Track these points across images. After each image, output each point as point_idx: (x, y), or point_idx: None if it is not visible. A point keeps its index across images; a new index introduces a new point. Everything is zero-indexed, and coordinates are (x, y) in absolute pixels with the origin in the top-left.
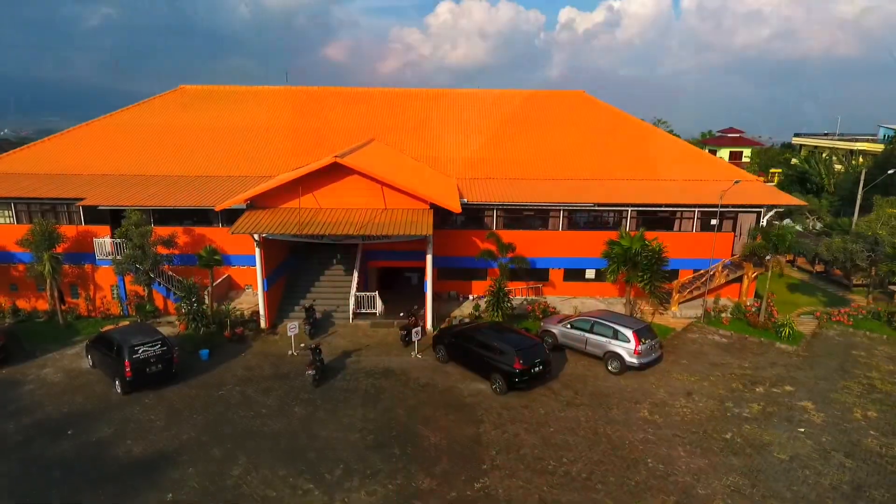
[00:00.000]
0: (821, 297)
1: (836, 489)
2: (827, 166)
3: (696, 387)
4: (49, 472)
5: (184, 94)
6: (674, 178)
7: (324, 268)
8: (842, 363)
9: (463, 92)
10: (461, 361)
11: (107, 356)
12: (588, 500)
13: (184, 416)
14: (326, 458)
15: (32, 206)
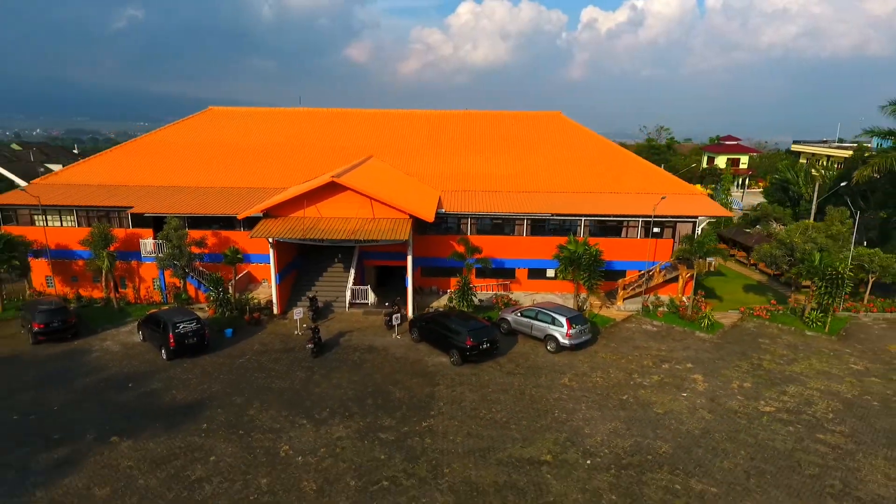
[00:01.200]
0: (770, 296)
1: (689, 433)
2: (806, 174)
3: (614, 363)
4: (118, 411)
5: (212, 114)
6: (629, 191)
7: (327, 266)
8: (744, 348)
9: (455, 113)
10: (429, 341)
11: (155, 331)
12: (502, 435)
13: (213, 376)
14: (317, 406)
15: (91, 212)
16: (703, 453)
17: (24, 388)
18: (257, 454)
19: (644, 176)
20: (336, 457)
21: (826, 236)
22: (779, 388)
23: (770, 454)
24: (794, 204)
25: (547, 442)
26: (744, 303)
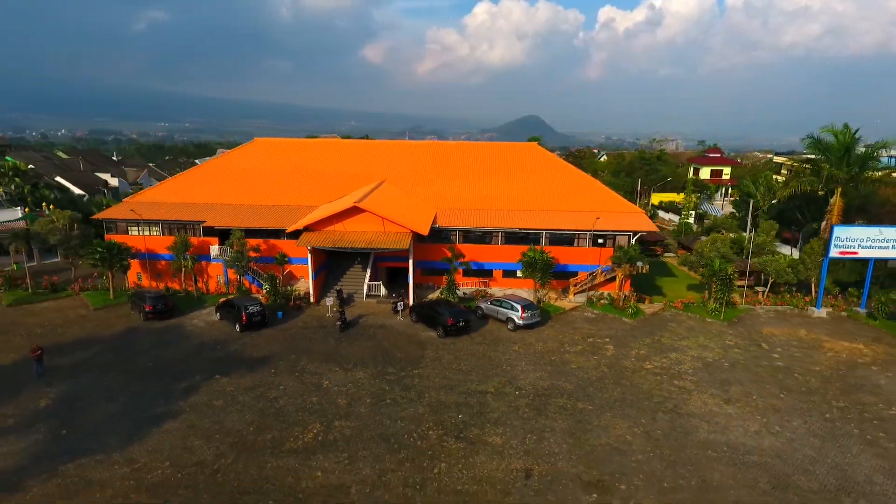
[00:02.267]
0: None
1: (588, 379)
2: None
3: (553, 337)
4: (214, 362)
5: (257, 145)
6: (585, 210)
7: (349, 266)
8: (653, 329)
9: (450, 144)
10: (423, 321)
11: (230, 312)
12: (465, 378)
13: (273, 342)
14: (345, 360)
15: (172, 224)
16: (593, 390)
17: (147, 349)
18: (308, 385)
19: (599, 197)
20: (358, 387)
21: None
22: (664, 355)
23: (636, 391)
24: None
25: (493, 382)
26: (683, 298)
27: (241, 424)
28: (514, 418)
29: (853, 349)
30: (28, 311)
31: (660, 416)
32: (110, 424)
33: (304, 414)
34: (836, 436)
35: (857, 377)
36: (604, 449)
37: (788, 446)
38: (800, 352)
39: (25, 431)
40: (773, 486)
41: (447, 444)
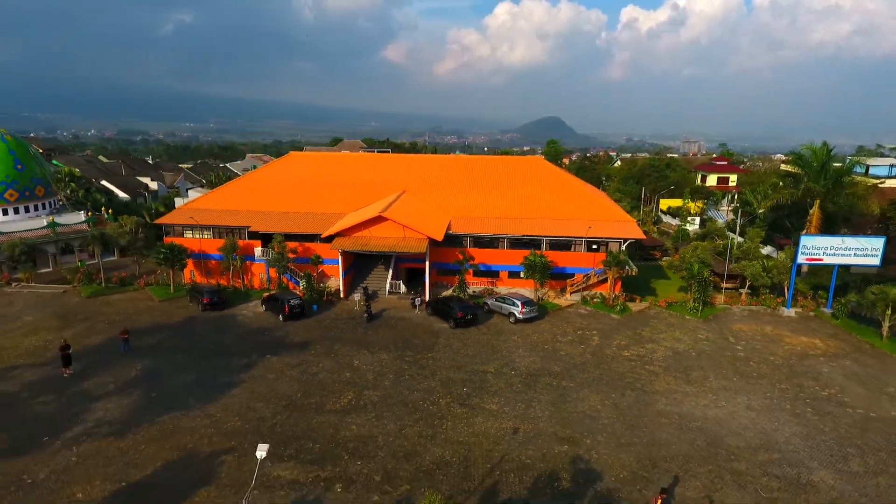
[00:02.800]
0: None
1: (574, 363)
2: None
3: (548, 330)
4: (263, 345)
5: (292, 158)
6: (583, 218)
7: (374, 267)
8: (636, 324)
9: (463, 157)
10: (438, 314)
11: (275, 304)
12: (471, 360)
13: (311, 330)
14: (371, 345)
15: (222, 229)
16: (576, 372)
17: (207, 334)
18: (342, 364)
19: (595, 207)
20: (382, 366)
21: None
22: (641, 345)
23: (612, 373)
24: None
25: (494, 364)
26: (669, 298)
27: (291, 391)
28: (508, 391)
29: (809, 343)
30: (103, 301)
31: (628, 392)
32: (188, 390)
33: (339, 385)
34: (770, 410)
35: (804, 366)
36: (578, 415)
37: (728, 416)
38: (761, 345)
39: (124, 393)
40: (708, 443)
41: (453, 409)
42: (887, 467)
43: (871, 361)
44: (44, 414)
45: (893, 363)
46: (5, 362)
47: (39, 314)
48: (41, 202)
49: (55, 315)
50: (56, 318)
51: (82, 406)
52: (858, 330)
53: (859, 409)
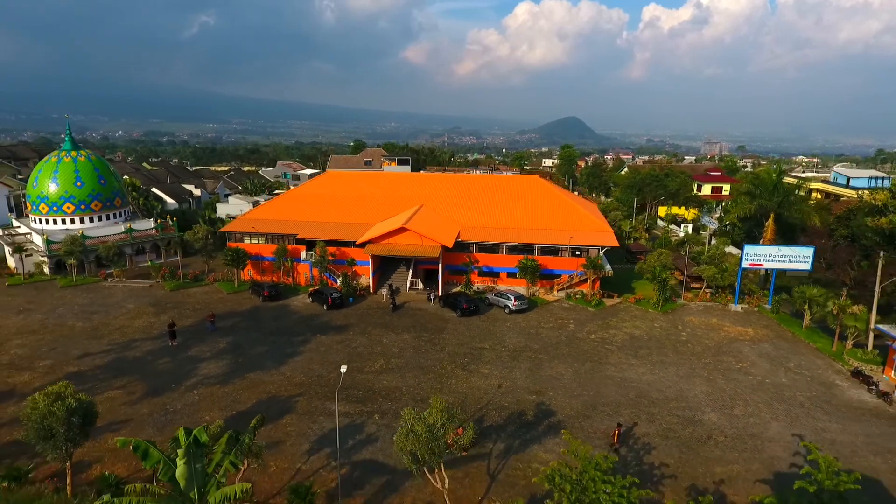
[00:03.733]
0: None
1: (550, 343)
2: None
3: (535, 319)
4: (314, 327)
5: (329, 176)
6: (568, 228)
7: (397, 267)
8: (607, 316)
9: (472, 176)
10: (448, 306)
11: (320, 296)
12: (472, 340)
13: (348, 317)
14: (395, 328)
15: (274, 236)
16: (551, 349)
17: (269, 319)
18: (374, 341)
19: (580, 219)
20: (404, 343)
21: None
22: (606, 331)
23: (578, 349)
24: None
25: (488, 343)
26: (638, 295)
27: (338, 358)
28: (497, 361)
29: (742, 331)
30: (184, 294)
31: (587, 363)
32: (264, 357)
33: (373, 355)
34: (690, 376)
35: (730, 347)
36: (546, 377)
37: (657, 380)
38: (702, 332)
39: (219, 359)
40: (636, 396)
41: (456, 372)
42: (759, 412)
43: (786, 345)
44: (166, 371)
45: (803, 346)
46: (127, 337)
47: (137, 303)
48: (118, 211)
49: (149, 304)
50: (151, 305)
51: (191, 367)
52: (788, 322)
53: (758, 376)
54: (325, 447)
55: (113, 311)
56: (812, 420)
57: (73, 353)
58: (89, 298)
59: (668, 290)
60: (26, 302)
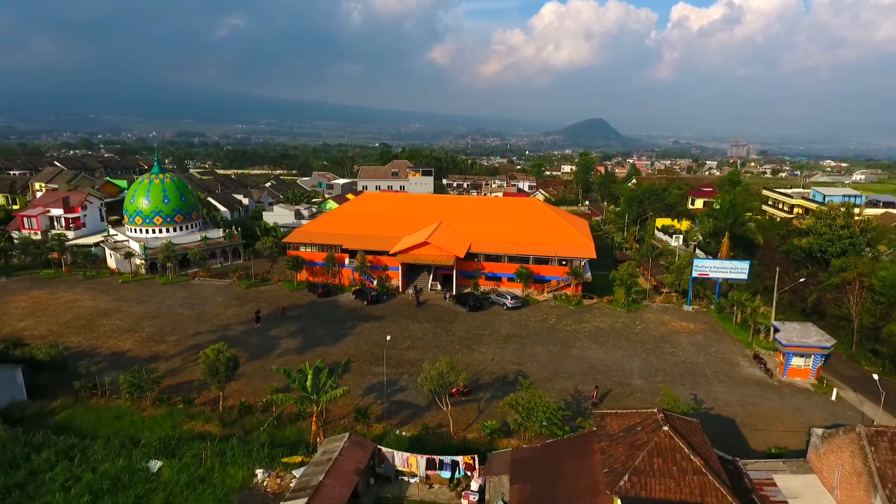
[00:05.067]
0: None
1: (534, 331)
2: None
3: (526, 314)
4: (359, 317)
5: (366, 196)
6: (558, 242)
7: (421, 272)
8: (582, 313)
9: (483, 198)
10: (459, 303)
11: (361, 294)
12: (476, 328)
13: (383, 310)
14: (419, 319)
15: (324, 246)
16: (534, 335)
17: (324, 310)
18: (403, 328)
19: (567, 235)
20: (425, 330)
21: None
22: (578, 324)
23: (554, 336)
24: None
25: (488, 331)
26: (611, 297)
27: (378, 339)
28: (493, 343)
29: (685, 326)
30: (255, 291)
31: (558, 346)
32: (324, 337)
33: (402, 338)
34: (631, 356)
35: (671, 338)
36: (527, 354)
37: (607, 358)
38: (653, 326)
39: (292, 338)
40: (589, 367)
41: (462, 350)
42: (672, 380)
43: (715, 337)
44: (257, 344)
45: (728, 338)
46: (223, 322)
47: (223, 297)
48: (194, 222)
49: (232, 298)
50: (234, 299)
51: (274, 343)
52: (725, 319)
53: (683, 357)
54: (371, 393)
55: (207, 302)
56: (709, 386)
57: (189, 331)
58: (186, 293)
59: (633, 293)
60: (140, 295)
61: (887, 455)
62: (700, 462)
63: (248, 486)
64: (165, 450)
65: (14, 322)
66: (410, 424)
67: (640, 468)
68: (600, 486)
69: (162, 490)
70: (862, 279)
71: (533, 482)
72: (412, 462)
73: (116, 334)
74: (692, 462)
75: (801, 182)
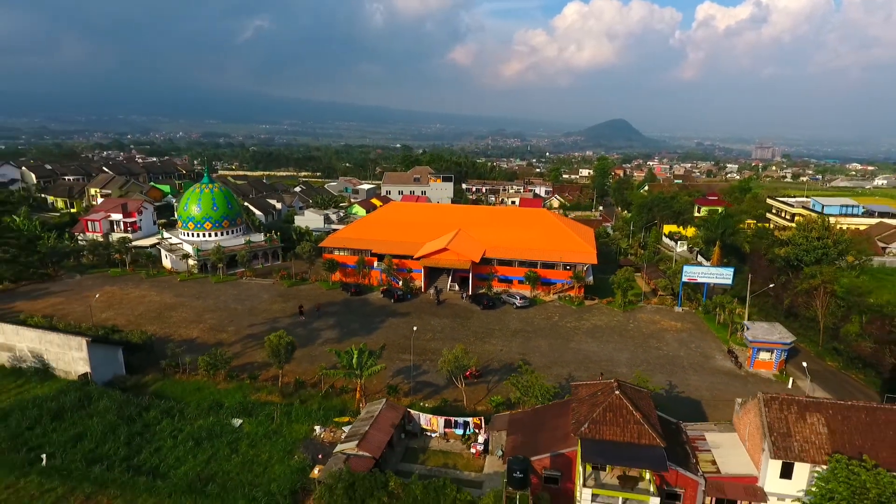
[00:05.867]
0: (620, 297)
1: (539, 327)
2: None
3: (533, 312)
4: (385, 313)
5: (393, 206)
6: (563, 248)
7: (441, 275)
8: (583, 312)
9: (497, 208)
10: (475, 302)
11: (389, 293)
12: (489, 323)
13: (408, 307)
14: (439, 315)
15: (355, 250)
16: (539, 330)
17: (357, 307)
18: (425, 323)
19: (571, 243)
20: (444, 325)
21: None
22: (578, 322)
23: (555, 332)
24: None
25: (498, 326)
26: (610, 298)
27: (404, 331)
28: (502, 337)
29: (673, 325)
30: (296, 289)
31: (559, 340)
32: (359, 329)
33: (425, 331)
34: (621, 349)
35: (658, 335)
36: (531, 346)
37: (600, 350)
38: (644, 325)
39: (331, 330)
40: (584, 358)
41: (476, 342)
42: (653, 369)
43: (699, 334)
44: (303, 334)
45: (710, 336)
46: (272, 315)
47: (269, 294)
48: (238, 227)
49: (277, 295)
50: (278, 296)
51: (316, 334)
52: (710, 320)
53: (665, 351)
54: (400, 374)
55: (255, 299)
56: (684, 374)
57: (244, 323)
58: (237, 291)
59: (629, 296)
60: (197, 292)
61: (776, 413)
62: (640, 416)
63: (309, 437)
64: (243, 411)
65: (97, 313)
66: (432, 399)
67: (596, 419)
68: (570, 434)
69: (245, 439)
70: (826, 285)
71: (523, 434)
72: (433, 422)
73: (184, 324)
74: (634, 415)
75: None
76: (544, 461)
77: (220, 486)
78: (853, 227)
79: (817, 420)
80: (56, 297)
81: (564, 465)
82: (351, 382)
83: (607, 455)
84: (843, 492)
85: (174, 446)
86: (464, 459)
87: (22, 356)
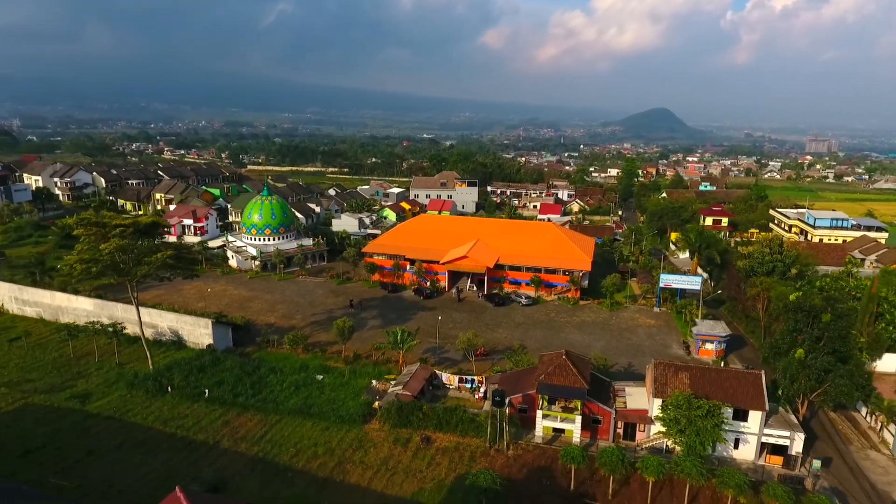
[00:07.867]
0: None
1: (537, 321)
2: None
3: (535, 309)
4: (417, 308)
5: (423, 217)
6: (564, 256)
7: (461, 277)
8: (576, 310)
9: (511, 221)
10: (489, 301)
11: (419, 292)
12: (498, 317)
13: (435, 303)
14: (458, 310)
15: (391, 256)
16: (537, 324)
17: (393, 302)
18: (448, 315)
19: (571, 252)
20: (463, 318)
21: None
22: (570, 318)
23: (550, 326)
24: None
25: (505, 320)
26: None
27: (432, 322)
28: (508, 327)
29: (648, 322)
30: (343, 287)
31: (552, 330)
32: (396, 319)
33: (449, 322)
34: (599, 338)
35: (633, 329)
36: (529, 335)
37: (583, 339)
38: (624, 321)
39: (376, 318)
40: (567, 345)
41: (486, 330)
42: (619, 355)
43: (667, 329)
44: (355, 322)
45: (675, 331)
46: (328, 307)
47: (322, 291)
48: (291, 233)
49: (328, 292)
50: (329, 292)
51: (364, 322)
52: (679, 318)
53: (634, 341)
54: (427, 352)
55: (312, 294)
56: (642, 358)
57: (308, 312)
58: (296, 287)
59: (616, 297)
60: (265, 288)
61: (661, 372)
62: (576, 371)
63: (369, 386)
64: (322, 370)
65: (193, 303)
66: (451, 370)
67: (550, 373)
68: (534, 382)
69: (327, 387)
70: (764, 293)
71: (508, 385)
72: (451, 379)
73: (262, 313)
74: (572, 370)
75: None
76: (518, 399)
77: (317, 411)
78: (836, 241)
79: (684, 376)
80: (157, 290)
81: (530, 401)
82: (394, 355)
83: (553, 391)
84: (672, 409)
85: (281, 390)
86: (470, 402)
87: (162, 332)
